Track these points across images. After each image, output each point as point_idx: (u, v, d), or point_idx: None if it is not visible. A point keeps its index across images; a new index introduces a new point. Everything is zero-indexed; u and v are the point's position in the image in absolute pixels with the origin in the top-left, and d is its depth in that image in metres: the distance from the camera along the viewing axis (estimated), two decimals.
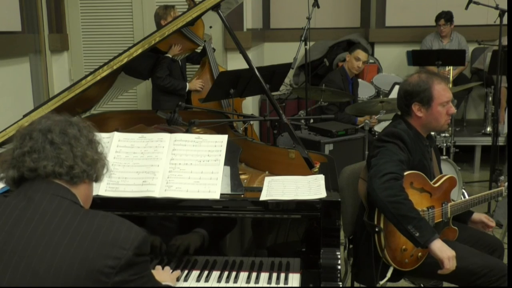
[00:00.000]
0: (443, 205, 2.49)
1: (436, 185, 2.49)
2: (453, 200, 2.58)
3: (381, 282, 2.38)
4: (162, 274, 1.91)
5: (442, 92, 2.46)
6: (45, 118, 1.49)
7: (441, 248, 2.21)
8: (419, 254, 2.40)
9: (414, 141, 2.44)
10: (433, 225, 2.42)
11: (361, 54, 4.90)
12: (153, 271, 1.83)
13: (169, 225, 2.03)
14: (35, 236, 1.34)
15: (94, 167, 1.50)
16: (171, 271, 1.97)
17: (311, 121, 4.60)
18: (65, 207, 1.40)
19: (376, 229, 2.31)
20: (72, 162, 1.44)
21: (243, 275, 1.98)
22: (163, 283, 1.72)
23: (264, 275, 1.98)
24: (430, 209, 2.43)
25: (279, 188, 2.08)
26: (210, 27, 4.32)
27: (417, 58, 5.70)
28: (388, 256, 2.34)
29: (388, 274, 2.37)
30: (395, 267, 2.37)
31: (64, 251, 1.32)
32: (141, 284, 1.41)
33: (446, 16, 5.97)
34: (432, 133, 2.68)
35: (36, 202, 1.39)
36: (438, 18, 6.02)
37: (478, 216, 2.66)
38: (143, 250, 1.40)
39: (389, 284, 3.15)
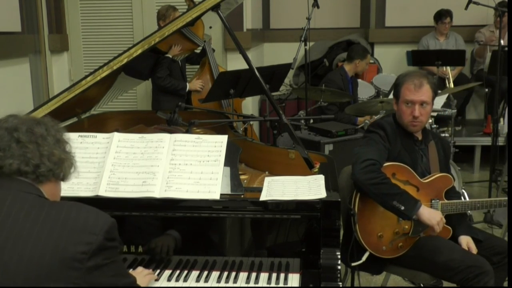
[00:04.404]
0: (432, 201, 2.52)
1: (426, 181, 2.55)
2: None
3: (353, 264, 2.46)
4: (136, 275, 1.86)
5: (407, 92, 2.55)
6: (12, 117, 1.49)
7: (429, 216, 2.38)
8: (400, 244, 2.48)
9: (396, 133, 2.58)
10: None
11: (369, 57, 5.10)
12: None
13: (169, 226, 2.03)
14: (4, 231, 1.36)
15: (61, 166, 1.50)
16: (145, 272, 1.92)
17: (311, 121, 4.60)
18: (30, 201, 1.41)
19: (351, 212, 2.44)
20: (38, 161, 1.44)
21: (243, 275, 1.98)
22: None
23: (263, 275, 1.98)
24: None
25: (279, 188, 2.08)
26: (210, 27, 4.33)
27: (416, 58, 5.71)
28: (363, 240, 2.45)
29: (363, 258, 2.46)
30: (371, 253, 2.47)
31: (35, 243, 1.34)
32: (113, 269, 1.44)
33: (450, 14, 6.00)
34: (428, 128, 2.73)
35: (0, 199, 1.40)
36: (443, 16, 6.00)
37: (464, 240, 2.54)
38: (112, 235, 1.43)
39: (390, 284, 3.16)
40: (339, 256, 1.92)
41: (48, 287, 1.33)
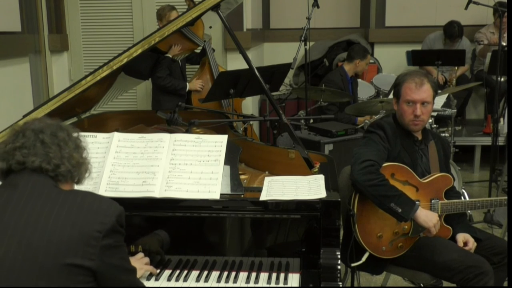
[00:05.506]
0: (432, 201, 2.52)
1: (425, 181, 2.55)
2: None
3: (353, 265, 2.46)
4: (135, 261, 1.92)
5: (408, 91, 2.56)
6: (38, 120, 1.63)
7: (425, 219, 2.40)
8: (400, 244, 2.48)
9: (396, 134, 2.58)
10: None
11: (369, 57, 5.08)
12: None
13: (168, 225, 2.03)
14: (25, 214, 1.47)
15: (79, 169, 1.63)
16: (145, 261, 1.97)
17: (311, 121, 4.60)
18: (48, 188, 1.53)
19: (351, 213, 2.44)
20: (59, 161, 1.56)
21: (243, 275, 1.98)
22: None
23: (263, 275, 1.98)
24: None
25: (279, 188, 2.08)
26: (210, 27, 4.33)
27: (417, 58, 5.70)
28: (362, 240, 2.45)
29: (363, 258, 2.47)
30: (371, 253, 2.47)
31: (55, 221, 1.46)
32: (122, 252, 1.57)
33: (461, 34, 5.84)
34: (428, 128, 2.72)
35: (21, 188, 1.51)
36: (454, 37, 5.84)
37: (461, 236, 2.55)
38: (121, 221, 1.55)
39: (390, 284, 3.16)
40: (339, 256, 1.92)
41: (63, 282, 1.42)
